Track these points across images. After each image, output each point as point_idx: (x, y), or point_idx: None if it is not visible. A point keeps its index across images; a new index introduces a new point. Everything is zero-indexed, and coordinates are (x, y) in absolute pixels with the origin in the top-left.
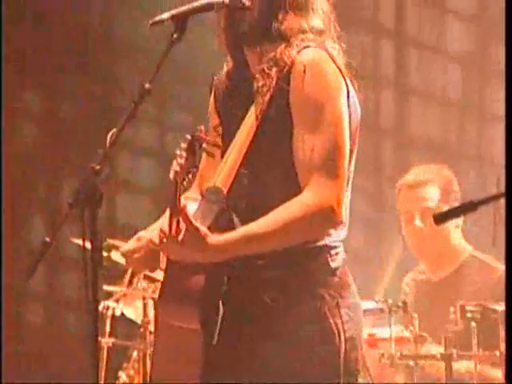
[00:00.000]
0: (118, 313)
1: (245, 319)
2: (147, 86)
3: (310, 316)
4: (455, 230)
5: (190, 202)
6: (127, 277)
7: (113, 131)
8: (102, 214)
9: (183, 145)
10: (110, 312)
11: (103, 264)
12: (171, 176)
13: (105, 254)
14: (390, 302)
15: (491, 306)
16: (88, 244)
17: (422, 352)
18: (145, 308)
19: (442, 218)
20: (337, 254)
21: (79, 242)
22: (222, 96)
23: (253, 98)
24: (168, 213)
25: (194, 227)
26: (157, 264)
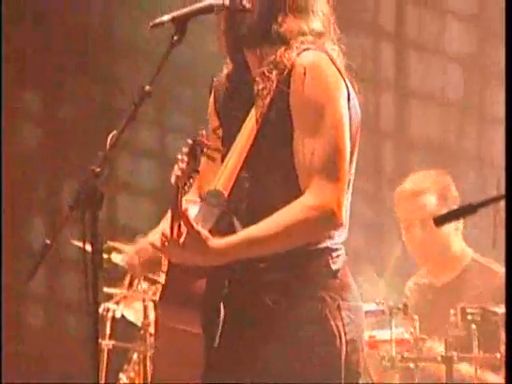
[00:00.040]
0: (119, 315)
1: (246, 322)
2: (147, 88)
3: (311, 318)
4: (455, 236)
5: (191, 206)
6: (127, 279)
7: (113, 133)
8: (102, 215)
9: (184, 149)
10: (110, 314)
11: (103, 266)
12: (172, 180)
13: (105, 256)
14: (390, 304)
15: (492, 309)
16: (88, 246)
17: (424, 351)
18: (145, 310)
19: (442, 220)
20: (338, 256)
21: (80, 244)
22: (222, 98)
23: (253, 101)
24: (170, 216)
25: (195, 231)
26: (158, 267)
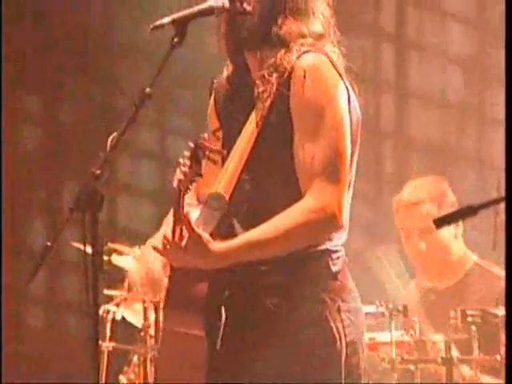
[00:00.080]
0: (119, 317)
1: (247, 324)
2: (148, 90)
3: (312, 320)
4: (455, 242)
5: (192, 209)
6: (127, 281)
7: (113, 135)
8: (102, 217)
9: (186, 153)
10: (110, 316)
11: (104, 268)
12: (175, 184)
13: (105, 257)
14: (390, 306)
15: (492, 311)
16: (89, 248)
17: (424, 353)
18: (145, 312)
19: (442, 222)
20: (338, 257)
21: (80, 245)
22: (223, 100)
23: (254, 103)
24: (171, 220)
25: (196, 234)
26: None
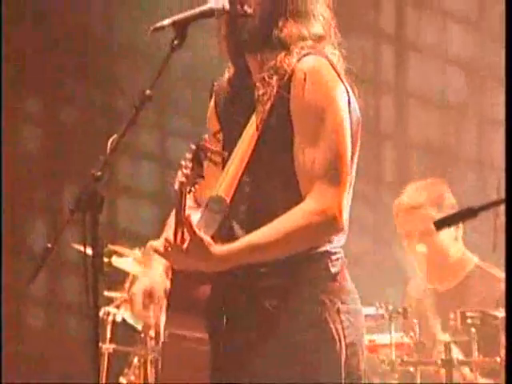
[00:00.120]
0: (119, 318)
1: (247, 326)
2: (148, 92)
3: (311, 321)
4: (455, 245)
5: (193, 212)
6: (128, 282)
7: (114, 137)
8: (102, 219)
9: (188, 155)
10: (110, 318)
11: (104, 269)
12: (176, 186)
13: (106, 259)
14: (390, 308)
15: (491, 313)
16: (89, 249)
17: (424, 355)
18: None
19: (442, 224)
20: (337, 259)
21: (80, 247)
22: (223, 102)
23: (254, 106)
24: (173, 222)
25: (197, 237)
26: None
